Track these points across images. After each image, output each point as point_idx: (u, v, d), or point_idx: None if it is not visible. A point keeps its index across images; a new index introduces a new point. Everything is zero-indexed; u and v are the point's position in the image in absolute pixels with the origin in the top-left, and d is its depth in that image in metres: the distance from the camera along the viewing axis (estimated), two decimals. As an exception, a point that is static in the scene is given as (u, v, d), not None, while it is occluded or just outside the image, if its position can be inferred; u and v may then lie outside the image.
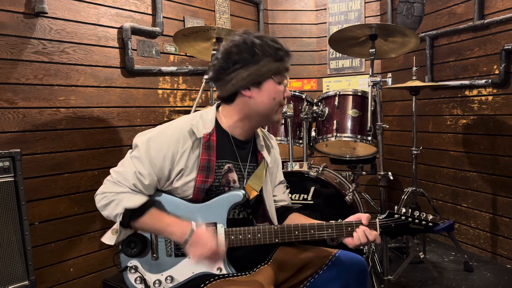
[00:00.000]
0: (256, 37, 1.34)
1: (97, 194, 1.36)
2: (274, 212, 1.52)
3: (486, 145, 2.86)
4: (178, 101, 3.04)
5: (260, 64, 1.34)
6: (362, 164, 2.84)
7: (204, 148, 1.36)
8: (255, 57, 1.33)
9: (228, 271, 1.35)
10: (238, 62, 1.34)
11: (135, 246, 1.36)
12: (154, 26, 2.86)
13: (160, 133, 1.36)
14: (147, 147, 1.33)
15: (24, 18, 2.20)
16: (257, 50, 1.33)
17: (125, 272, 1.39)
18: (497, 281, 2.52)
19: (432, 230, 1.32)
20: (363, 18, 3.78)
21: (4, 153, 1.87)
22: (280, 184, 1.62)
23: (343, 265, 1.38)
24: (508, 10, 2.64)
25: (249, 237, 1.35)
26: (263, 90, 1.36)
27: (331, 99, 2.46)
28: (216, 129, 1.40)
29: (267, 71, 1.35)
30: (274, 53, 1.35)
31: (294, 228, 1.36)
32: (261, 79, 1.35)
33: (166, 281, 1.36)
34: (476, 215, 2.96)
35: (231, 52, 1.35)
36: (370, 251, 2.21)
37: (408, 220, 1.33)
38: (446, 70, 3.13)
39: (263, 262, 1.44)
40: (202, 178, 1.35)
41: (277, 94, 1.38)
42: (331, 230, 1.36)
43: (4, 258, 1.84)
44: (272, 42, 1.36)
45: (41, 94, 2.27)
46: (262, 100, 1.37)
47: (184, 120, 1.40)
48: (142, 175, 1.32)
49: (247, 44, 1.33)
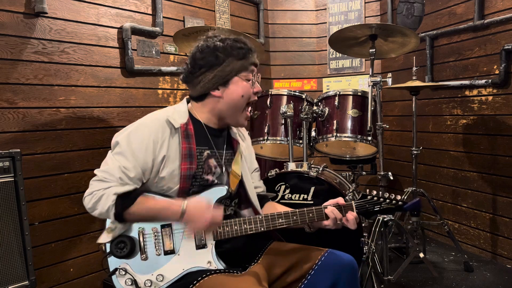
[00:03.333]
0: (219, 40, 1.44)
1: (85, 197, 1.38)
2: (255, 197, 1.57)
3: (486, 145, 2.86)
4: (178, 101, 3.03)
5: (224, 64, 1.42)
6: (362, 164, 2.83)
7: (183, 137, 1.41)
8: (218, 59, 1.42)
9: (218, 266, 1.36)
10: (203, 66, 1.42)
11: (124, 246, 1.36)
12: (154, 26, 2.86)
13: (138, 126, 1.42)
14: (128, 141, 1.37)
15: (24, 18, 2.19)
16: (219, 52, 1.41)
17: (114, 276, 1.38)
18: (497, 281, 2.52)
19: (402, 208, 1.45)
20: (363, 18, 3.78)
21: (4, 153, 1.87)
22: (255, 171, 1.68)
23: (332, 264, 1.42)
24: (508, 10, 2.64)
25: (235, 228, 1.40)
26: (230, 88, 1.44)
27: (331, 99, 2.45)
28: (191, 119, 1.47)
29: (231, 70, 1.43)
30: (236, 52, 1.43)
31: (278, 216, 1.42)
32: (227, 78, 1.43)
33: (157, 280, 1.36)
34: (476, 215, 2.96)
35: (196, 57, 1.44)
36: (370, 251, 2.21)
37: (380, 200, 1.45)
38: (446, 70, 3.13)
39: (253, 260, 1.47)
40: (187, 165, 1.39)
41: (245, 90, 1.45)
42: (311, 214, 1.43)
43: (4, 258, 1.84)
44: (234, 42, 1.44)
45: (41, 94, 2.27)
46: (231, 98, 1.44)
47: (158, 112, 1.46)
48: (126, 168, 1.34)
49: (209, 48, 1.42)
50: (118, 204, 1.32)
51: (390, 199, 1.45)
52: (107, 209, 1.33)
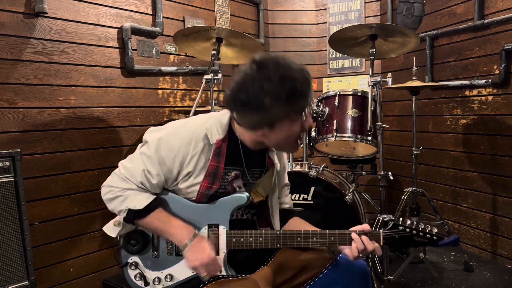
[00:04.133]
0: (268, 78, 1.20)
1: (103, 186, 1.36)
2: (277, 219, 1.51)
3: (486, 145, 2.86)
4: (178, 101, 3.04)
5: (269, 112, 1.23)
6: (362, 164, 2.84)
7: (215, 154, 1.34)
8: (263, 104, 1.21)
9: (228, 273, 1.34)
10: (245, 105, 1.24)
11: (136, 243, 1.37)
12: (154, 26, 2.86)
13: (172, 134, 1.33)
14: (157, 146, 1.31)
15: (24, 18, 2.19)
16: (264, 95, 1.20)
17: (125, 268, 1.40)
18: (497, 281, 2.52)
19: (436, 244, 1.27)
20: (363, 18, 3.78)
21: (4, 153, 1.87)
22: (285, 186, 1.61)
23: (344, 269, 1.37)
24: (508, 10, 2.63)
25: (250, 240, 1.35)
26: (276, 130, 1.28)
27: (331, 99, 2.46)
28: (229, 134, 1.37)
29: (279, 117, 1.25)
30: (286, 98, 1.21)
31: (297, 235, 1.35)
32: (273, 121, 1.26)
33: (165, 279, 1.36)
34: (476, 215, 2.96)
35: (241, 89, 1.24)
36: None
37: (412, 233, 1.28)
38: (446, 70, 3.13)
39: (262, 263, 1.43)
40: (208, 184, 1.34)
41: (292, 131, 1.30)
42: (333, 238, 1.33)
43: (4, 258, 1.83)
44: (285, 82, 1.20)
45: (41, 94, 2.27)
46: (277, 137, 1.31)
47: (198, 123, 1.36)
48: (150, 173, 1.31)
49: (254, 87, 1.21)
50: (130, 213, 1.31)
51: (425, 232, 1.27)
52: (119, 211, 1.32)
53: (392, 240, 1.28)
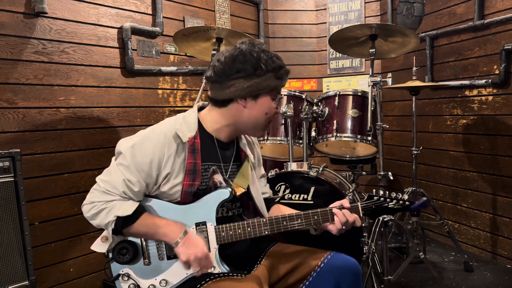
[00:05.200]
0: (262, 51, 1.37)
1: (84, 204, 1.34)
2: (264, 207, 1.54)
3: (486, 145, 2.86)
4: (178, 101, 3.04)
5: (262, 78, 1.36)
6: (362, 164, 2.84)
7: (190, 152, 1.37)
8: (258, 70, 1.35)
9: (222, 270, 1.35)
10: (241, 71, 1.35)
11: (126, 252, 1.35)
12: (154, 26, 2.86)
13: (144, 140, 1.36)
14: (132, 154, 1.33)
15: (24, 18, 2.19)
16: (262, 64, 1.35)
17: (117, 281, 1.37)
18: (497, 281, 2.52)
19: (409, 208, 1.42)
20: (363, 18, 3.78)
21: (4, 153, 1.87)
22: (261, 177, 1.66)
23: (335, 267, 1.40)
24: (508, 10, 2.64)
25: (239, 232, 1.37)
26: (258, 103, 1.40)
27: (331, 99, 2.46)
28: (200, 131, 1.42)
29: (266, 86, 1.38)
30: (277, 70, 1.38)
31: (282, 219, 1.39)
32: (259, 92, 1.38)
33: (160, 285, 1.35)
34: (476, 215, 2.96)
35: (237, 59, 1.36)
36: (370, 251, 2.21)
37: (386, 201, 1.42)
38: (446, 70, 3.13)
39: (256, 261, 1.45)
40: (189, 181, 1.36)
41: (270, 109, 1.42)
42: (316, 217, 1.39)
43: (4, 258, 1.84)
44: (277, 59, 1.39)
45: (41, 94, 2.27)
46: (255, 112, 1.40)
47: (167, 124, 1.41)
48: (131, 182, 1.32)
49: (253, 56, 1.35)
50: (118, 222, 1.30)
51: (397, 199, 1.42)
52: (106, 223, 1.31)
53: (369, 210, 1.42)
